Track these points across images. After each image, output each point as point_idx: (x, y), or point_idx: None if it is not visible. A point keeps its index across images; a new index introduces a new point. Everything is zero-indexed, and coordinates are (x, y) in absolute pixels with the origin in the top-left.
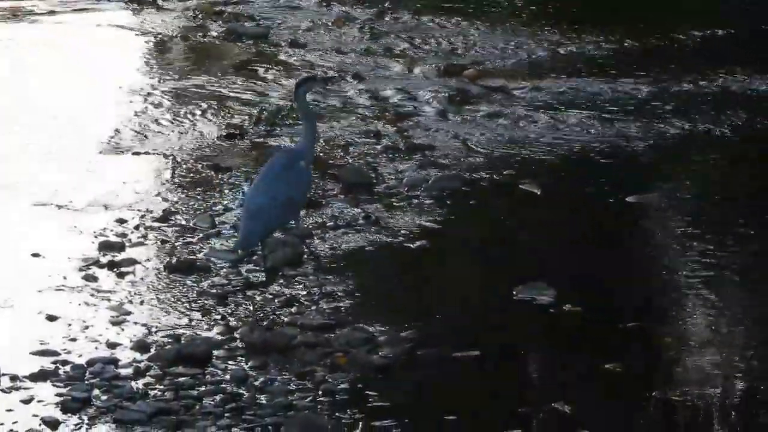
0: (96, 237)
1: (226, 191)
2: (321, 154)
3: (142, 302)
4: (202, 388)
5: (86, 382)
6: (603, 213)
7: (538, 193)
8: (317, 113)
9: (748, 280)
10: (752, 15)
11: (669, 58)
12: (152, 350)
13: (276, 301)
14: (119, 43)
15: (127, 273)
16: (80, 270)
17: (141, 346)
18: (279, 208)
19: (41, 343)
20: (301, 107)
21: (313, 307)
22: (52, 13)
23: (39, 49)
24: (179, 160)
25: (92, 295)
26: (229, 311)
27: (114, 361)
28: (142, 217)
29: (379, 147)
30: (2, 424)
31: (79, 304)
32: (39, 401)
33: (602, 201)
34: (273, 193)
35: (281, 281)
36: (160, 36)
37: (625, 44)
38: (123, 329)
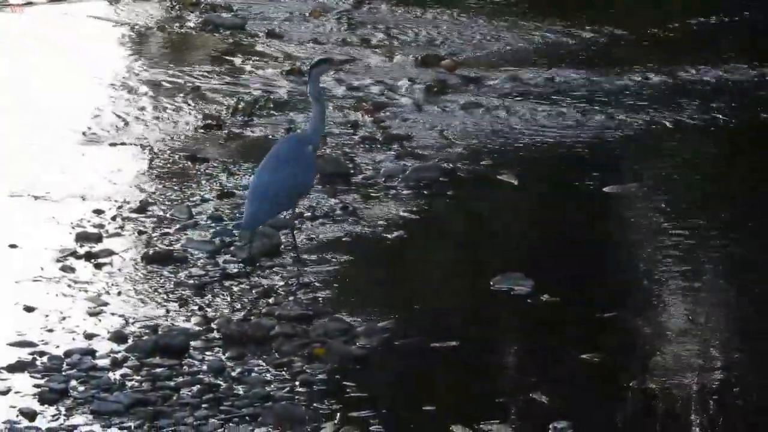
0: (73, 228)
1: (204, 182)
2: None
3: (119, 293)
4: (180, 379)
5: (63, 373)
6: (581, 203)
7: (516, 183)
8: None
9: (725, 270)
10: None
11: (646, 49)
12: (129, 341)
13: (253, 291)
14: (96, 33)
15: (105, 264)
16: (57, 261)
17: (118, 337)
18: (286, 191)
19: (18, 334)
20: (313, 90)
21: (291, 298)
22: (29, 3)
23: (15, 40)
24: (156, 150)
25: (69, 286)
26: (207, 302)
27: (91, 352)
28: (120, 208)
29: (356, 137)
30: None
31: (57, 295)
32: (16, 392)
33: (580, 191)
34: (280, 175)
35: (259, 272)
36: (137, 27)
37: (604, 35)
38: (100, 320)
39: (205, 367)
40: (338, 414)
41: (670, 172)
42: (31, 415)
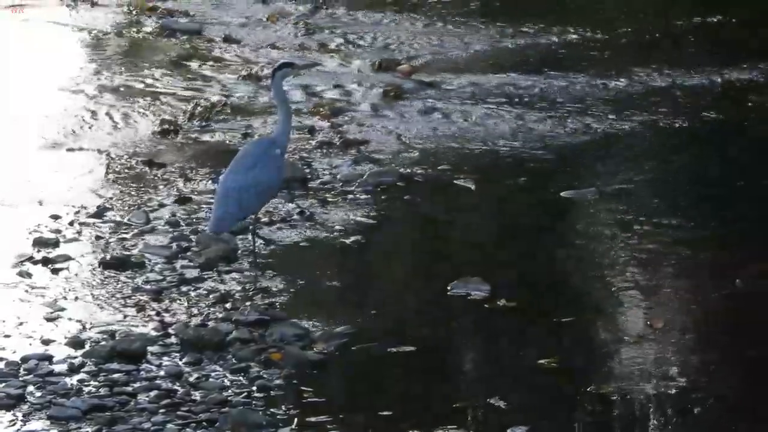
0: (30, 233)
1: (161, 187)
2: None
3: (76, 298)
4: (137, 384)
5: (20, 378)
6: (538, 208)
7: (473, 188)
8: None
9: (683, 274)
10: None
11: (604, 54)
12: (87, 346)
13: (210, 297)
14: (54, 39)
15: (62, 269)
16: (14, 266)
17: (75, 342)
18: (254, 195)
19: None
20: (277, 93)
21: (248, 303)
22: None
23: None
24: (114, 155)
25: (26, 291)
26: (164, 307)
27: (48, 358)
28: (77, 213)
29: (313, 142)
30: None
31: (13, 301)
32: None
33: (537, 196)
34: (248, 177)
35: (215, 277)
36: (94, 32)
37: (561, 40)
38: (57, 325)
39: (162, 373)
40: (295, 419)
41: (628, 177)
42: None
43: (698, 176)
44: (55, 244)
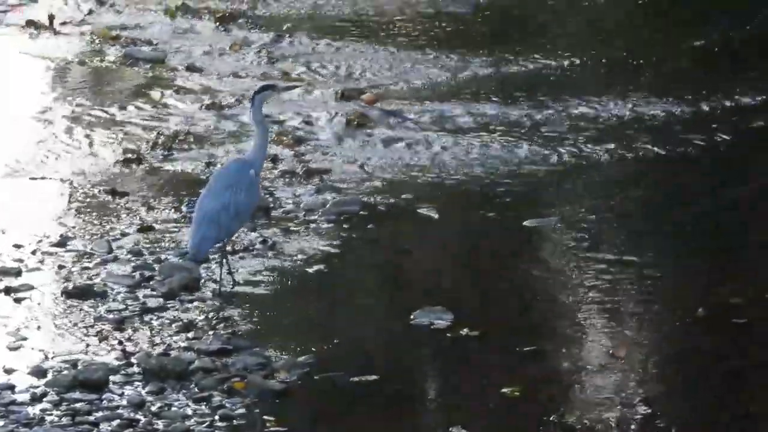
0: None
1: (124, 216)
2: None
3: (39, 327)
4: (99, 414)
5: None
6: (500, 237)
7: (436, 217)
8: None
9: (645, 303)
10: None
11: (564, 82)
12: (49, 375)
13: (173, 326)
14: (16, 67)
15: (24, 298)
16: None
17: (38, 371)
18: (231, 216)
19: None
20: (255, 116)
21: (211, 332)
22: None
23: None
24: (76, 184)
25: None
26: (126, 336)
27: (10, 387)
28: (39, 242)
29: (276, 171)
30: None
31: None
32: None
33: (500, 225)
34: (224, 200)
35: (178, 306)
36: (57, 60)
37: (525, 68)
38: (20, 354)
39: (124, 402)
40: None
41: (591, 206)
42: None
43: (661, 206)
44: (18, 273)
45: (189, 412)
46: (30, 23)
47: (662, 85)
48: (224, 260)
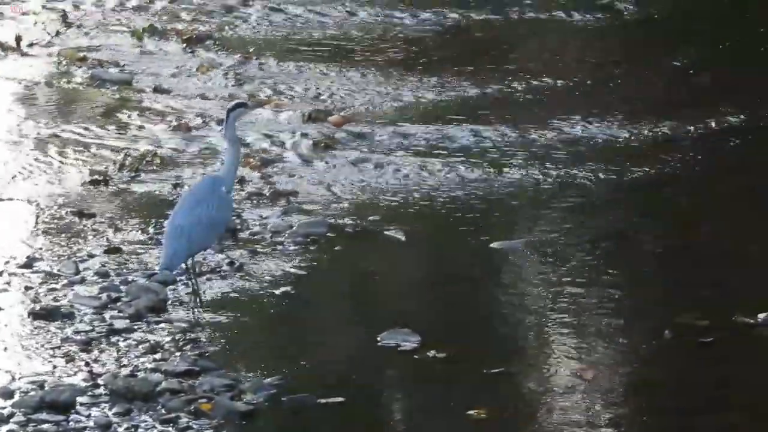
0: None
1: (90, 237)
2: None
3: (5, 349)
4: None
5: None
6: (468, 259)
7: (403, 239)
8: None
9: (612, 325)
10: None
11: (533, 105)
12: (16, 396)
13: (140, 347)
14: None
15: None
16: None
17: (4, 392)
18: (202, 231)
19: None
20: (228, 133)
21: (178, 354)
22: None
23: None
24: (43, 206)
25: None
26: (93, 358)
27: None
28: (6, 263)
29: (243, 193)
30: None
31: None
32: None
33: (467, 247)
34: (196, 215)
35: (145, 327)
36: (24, 82)
37: (490, 90)
38: None
39: (91, 423)
40: None
41: (557, 228)
42: None
43: (627, 229)
44: None
45: None
46: None
47: (633, 107)
48: (192, 279)
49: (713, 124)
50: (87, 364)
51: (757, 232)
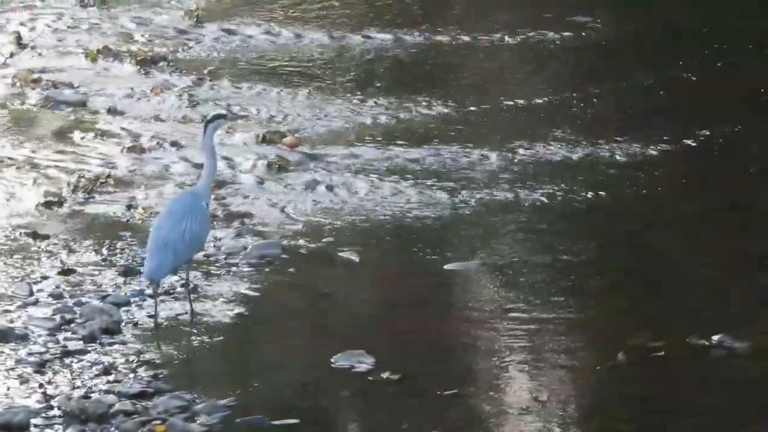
0: None
1: (44, 259)
2: (139, 222)
3: None
4: None
5: None
6: (422, 281)
7: (357, 260)
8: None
9: (566, 347)
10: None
11: (489, 126)
12: None
13: (94, 368)
14: None
15: None
16: None
17: None
18: (186, 245)
19: None
20: (206, 144)
21: (131, 375)
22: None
23: None
24: None
25: None
26: (47, 379)
27: None
28: None
29: None
30: None
31: None
32: None
33: (421, 269)
34: (180, 228)
35: (99, 349)
36: None
37: (444, 112)
38: None
39: None
40: None
41: (512, 250)
42: None
43: (582, 251)
44: None
45: None
46: None
47: (588, 128)
48: (188, 292)
49: (671, 145)
50: (41, 385)
51: (711, 254)
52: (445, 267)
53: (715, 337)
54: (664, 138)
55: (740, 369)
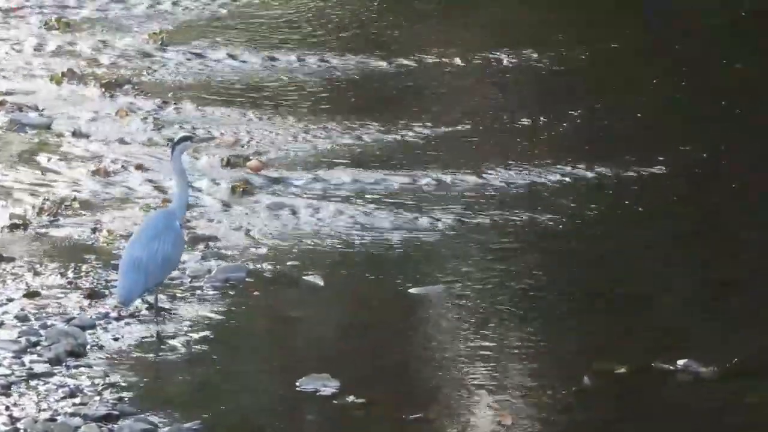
0: None
1: (9, 281)
2: (104, 245)
3: None
4: None
5: None
6: (386, 304)
7: (322, 284)
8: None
9: (531, 371)
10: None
11: (453, 151)
12: None
13: (60, 391)
14: None
15: None
16: None
17: None
18: (159, 266)
19: None
20: (175, 166)
21: (97, 398)
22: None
23: None
24: None
25: None
26: (13, 402)
27: None
28: None
29: None
30: None
31: None
32: None
33: (385, 292)
34: (152, 249)
35: (65, 371)
36: None
37: (407, 136)
38: None
39: None
40: None
41: (477, 273)
42: None
43: (548, 275)
44: None
45: None
46: None
47: (559, 150)
48: (156, 314)
49: (635, 170)
50: (6, 408)
51: (675, 279)
52: (411, 291)
53: (681, 362)
54: (629, 163)
55: (706, 394)
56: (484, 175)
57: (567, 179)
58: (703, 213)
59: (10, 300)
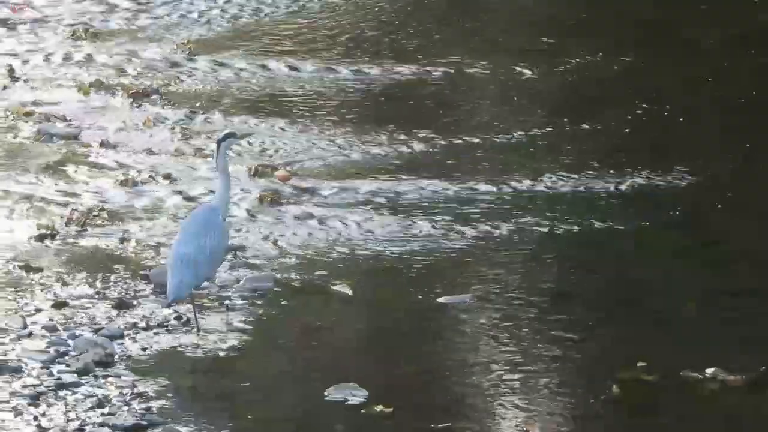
0: None
1: (38, 291)
2: (132, 255)
3: None
4: None
5: None
6: (415, 314)
7: (351, 293)
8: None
9: (559, 380)
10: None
11: (481, 160)
12: None
13: (88, 401)
14: None
15: None
16: None
17: None
18: (206, 259)
19: None
20: (220, 163)
21: (125, 408)
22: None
23: None
24: None
25: None
26: (41, 412)
27: None
28: None
29: None
30: None
31: None
32: None
33: (414, 302)
34: (199, 244)
35: (93, 382)
36: None
37: (436, 146)
38: None
39: None
40: None
41: (505, 283)
42: None
43: (574, 284)
44: None
45: None
46: None
47: (578, 161)
48: (194, 308)
49: (660, 180)
50: (35, 418)
51: (700, 288)
52: (439, 300)
53: (709, 371)
54: (655, 171)
55: (736, 402)
56: (514, 184)
57: (591, 188)
58: (730, 222)
59: (39, 310)
